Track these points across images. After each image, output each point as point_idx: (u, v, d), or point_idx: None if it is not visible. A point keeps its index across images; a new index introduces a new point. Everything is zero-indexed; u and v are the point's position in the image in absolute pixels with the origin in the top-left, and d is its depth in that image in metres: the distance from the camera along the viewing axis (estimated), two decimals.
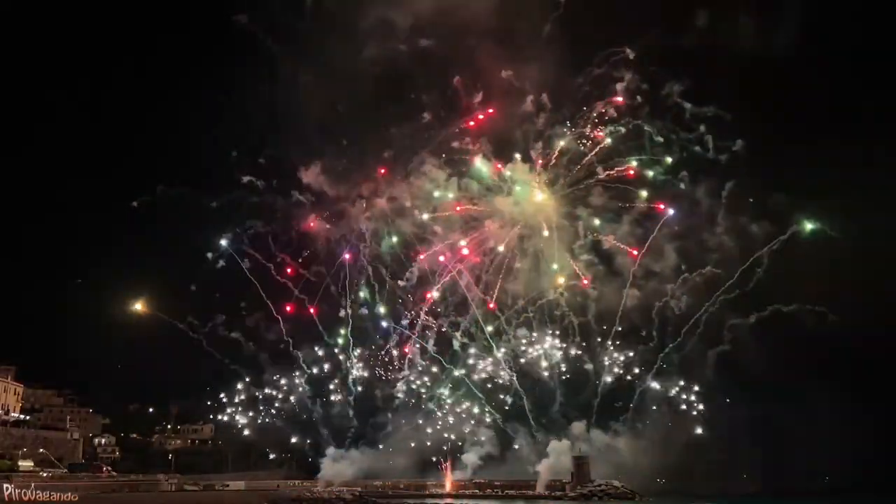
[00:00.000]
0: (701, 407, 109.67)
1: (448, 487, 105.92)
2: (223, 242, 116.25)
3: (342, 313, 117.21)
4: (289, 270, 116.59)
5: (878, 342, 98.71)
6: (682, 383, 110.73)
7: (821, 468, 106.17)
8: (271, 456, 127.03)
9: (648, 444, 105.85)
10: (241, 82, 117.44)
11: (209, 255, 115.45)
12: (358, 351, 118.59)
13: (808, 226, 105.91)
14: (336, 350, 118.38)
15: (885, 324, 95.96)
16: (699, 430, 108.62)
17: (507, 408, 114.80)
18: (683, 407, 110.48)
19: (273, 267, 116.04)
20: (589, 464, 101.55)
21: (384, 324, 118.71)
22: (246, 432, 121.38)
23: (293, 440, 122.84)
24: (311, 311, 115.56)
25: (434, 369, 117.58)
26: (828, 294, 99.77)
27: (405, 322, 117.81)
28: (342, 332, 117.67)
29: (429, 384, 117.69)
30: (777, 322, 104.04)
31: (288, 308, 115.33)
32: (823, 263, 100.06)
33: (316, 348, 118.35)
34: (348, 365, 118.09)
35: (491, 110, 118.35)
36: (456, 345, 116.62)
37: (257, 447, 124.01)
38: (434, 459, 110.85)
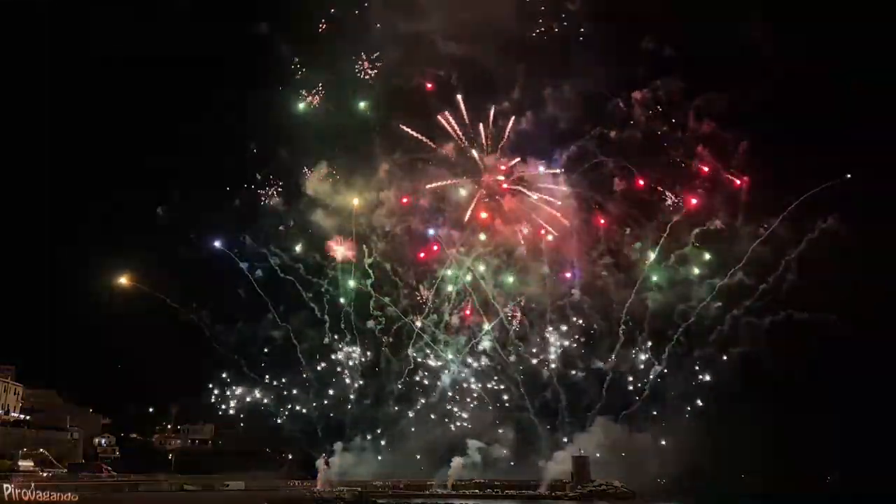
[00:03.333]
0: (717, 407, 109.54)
1: (449, 487, 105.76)
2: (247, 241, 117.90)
3: (370, 323, 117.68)
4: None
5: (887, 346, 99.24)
6: (701, 383, 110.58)
7: (824, 469, 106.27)
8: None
9: (669, 441, 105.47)
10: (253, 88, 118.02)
11: (244, 265, 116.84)
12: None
13: None
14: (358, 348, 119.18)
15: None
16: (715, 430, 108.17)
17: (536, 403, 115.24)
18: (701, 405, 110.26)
19: (304, 267, 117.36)
20: (589, 464, 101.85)
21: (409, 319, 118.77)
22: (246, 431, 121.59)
23: (294, 439, 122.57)
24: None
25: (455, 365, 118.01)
26: (840, 298, 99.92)
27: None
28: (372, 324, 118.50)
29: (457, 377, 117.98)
30: (790, 326, 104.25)
31: None
32: (838, 268, 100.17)
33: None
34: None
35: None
36: (486, 344, 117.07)
37: (257, 447, 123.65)
38: (445, 456, 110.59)
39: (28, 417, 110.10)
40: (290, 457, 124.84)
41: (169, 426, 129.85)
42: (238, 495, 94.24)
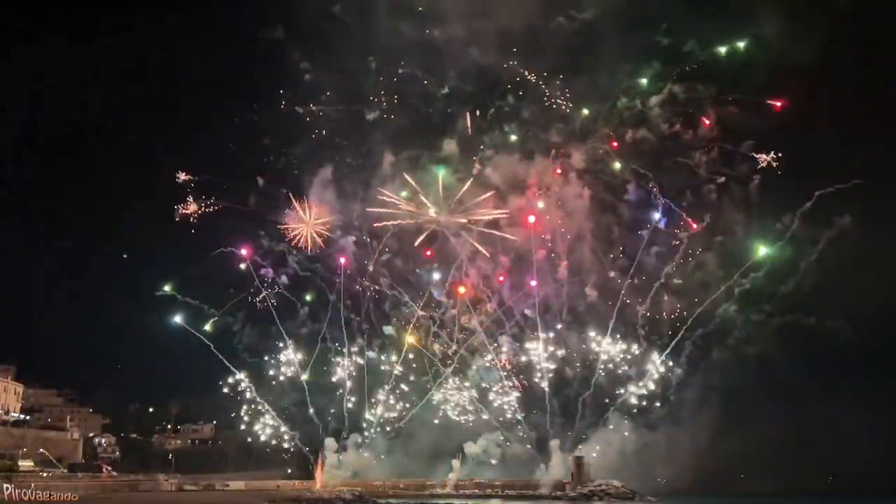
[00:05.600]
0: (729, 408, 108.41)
1: (449, 487, 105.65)
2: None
3: (388, 331, 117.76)
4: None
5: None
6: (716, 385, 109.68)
7: (825, 469, 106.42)
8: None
9: (683, 442, 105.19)
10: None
11: (263, 278, 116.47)
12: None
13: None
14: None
15: None
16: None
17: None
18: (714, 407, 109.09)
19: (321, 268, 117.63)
20: (588, 464, 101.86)
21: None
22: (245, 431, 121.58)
23: (295, 439, 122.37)
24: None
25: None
26: (849, 302, 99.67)
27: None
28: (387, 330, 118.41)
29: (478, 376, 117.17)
30: (799, 329, 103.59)
31: None
32: (851, 270, 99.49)
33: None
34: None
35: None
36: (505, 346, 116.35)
37: (257, 447, 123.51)
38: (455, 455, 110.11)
39: (28, 417, 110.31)
40: (292, 451, 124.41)
41: (169, 426, 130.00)
42: (238, 495, 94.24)
